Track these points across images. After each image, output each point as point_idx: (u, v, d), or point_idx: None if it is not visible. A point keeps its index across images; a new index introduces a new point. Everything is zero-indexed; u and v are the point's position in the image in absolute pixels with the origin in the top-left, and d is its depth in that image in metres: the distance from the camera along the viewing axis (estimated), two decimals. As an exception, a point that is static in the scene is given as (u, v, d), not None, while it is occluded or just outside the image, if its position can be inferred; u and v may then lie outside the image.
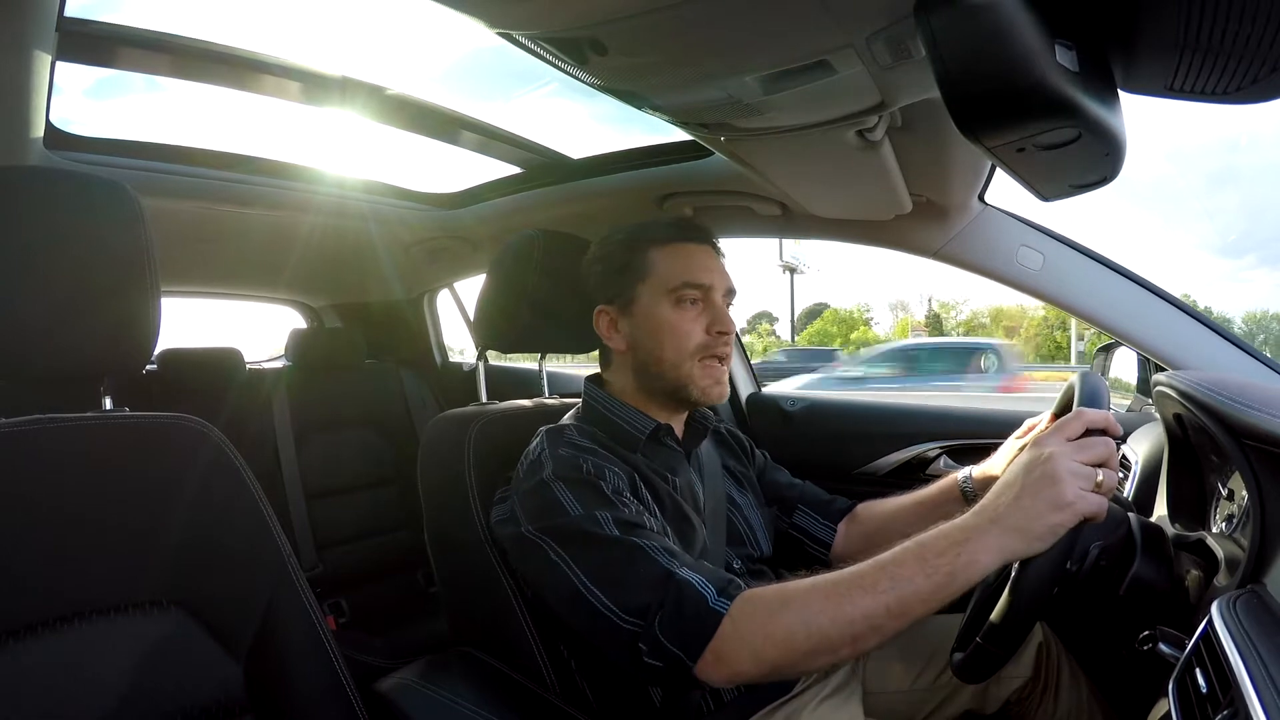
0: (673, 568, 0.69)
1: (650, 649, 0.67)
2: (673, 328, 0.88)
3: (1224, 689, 0.46)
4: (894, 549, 0.63)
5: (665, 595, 0.67)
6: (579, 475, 0.79)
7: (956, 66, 0.55)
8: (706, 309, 0.89)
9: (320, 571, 1.81)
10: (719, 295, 0.90)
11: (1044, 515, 0.59)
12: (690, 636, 0.65)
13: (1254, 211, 54.53)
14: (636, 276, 0.90)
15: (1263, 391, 0.68)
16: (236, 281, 2.25)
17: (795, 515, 1.08)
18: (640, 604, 0.68)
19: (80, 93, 1.18)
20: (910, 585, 0.60)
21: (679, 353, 0.88)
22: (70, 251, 0.67)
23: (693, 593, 0.66)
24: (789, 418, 1.62)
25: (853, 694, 0.89)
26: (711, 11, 0.62)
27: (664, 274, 0.89)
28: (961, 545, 0.60)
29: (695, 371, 0.89)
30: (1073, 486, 0.59)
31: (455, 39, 15.84)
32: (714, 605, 0.65)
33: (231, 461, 0.77)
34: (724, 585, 0.67)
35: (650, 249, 0.91)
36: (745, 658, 0.64)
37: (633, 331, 0.91)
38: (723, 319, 0.89)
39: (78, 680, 0.64)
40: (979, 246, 1.21)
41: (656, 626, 0.66)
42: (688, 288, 0.88)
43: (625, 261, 0.91)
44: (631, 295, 0.91)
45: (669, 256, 0.90)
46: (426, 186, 1.73)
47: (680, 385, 0.89)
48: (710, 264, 0.91)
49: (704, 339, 0.88)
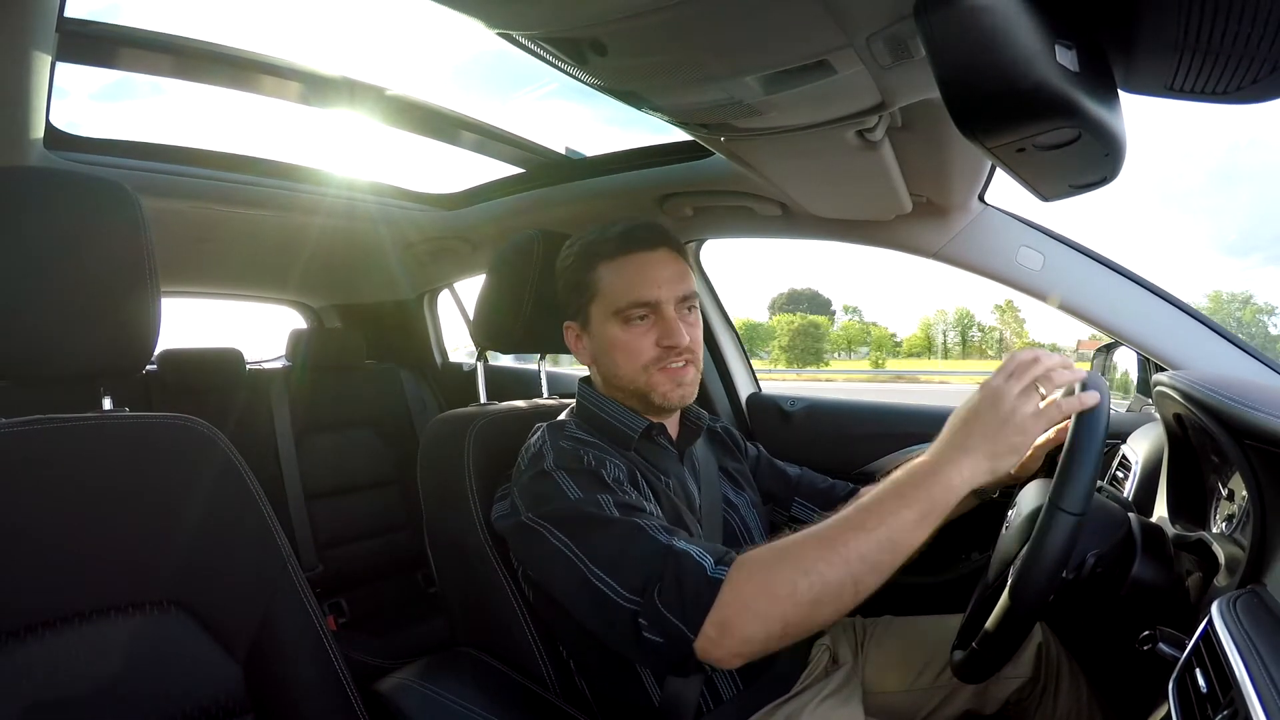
0: (671, 542, 0.69)
1: (650, 623, 0.66)
2: (624, 346, 0.88)
3: (1224, 689, 0.46)
4: (870, 492, 0.68)
5: (664, 567, 0.67)
6: (580, 465, 0.80)
7: (956, 66, 0.55)
8: (657, 322, 0.88)
9: (320, 572, 1.82)
10: (670, 306, 0.88)
11: (1001, 434, 0.66)
12: (691, 606, 0.65)
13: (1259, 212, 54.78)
14: (587, 297, 0.90)
15: (1263, 391, 0.68)
16: (236, 282, 2.25)
17: (793, 508, 1.08)
18: (640, 580, 0.68)
19: (87, 96, 1.18)
20: (896, 518, 0.63)
21: (632, 369, 0.88)
22: (70, 252, 0.67)
23: (691, 563, 0.67)
24: (789, 418, 1.62)
25: (853, 694, 0.89)
26: (711, 12, 0.62)
27: (610, 294, 0.88)
28: (934, 475, 0.65)
29: (652, 380, 0.88)
30: (1018, 407, 0.66)
31: (456, 39, 15.92)
32: (713, 574, 0.66)
33: (232, 462, 0.77)
34: (721, 555, 0.68)
35: (599, 265, 0.89)
36: (750, 620, 0.63)
37: (592, 348, 0.93)
38: (672, 332, 0.87)
39: (78, 680, 0.64)
40: (979, 247, 1.21)
41: (656, 597, 0.66)
42: (634, 307, 0.87)
43: (577, 280, 0.91)
44: (587, 314, 0.91)
45: (615, 273, 0.88)
46: (427, 187, 1.73)
47: (642, 394, 0.89)
48: (659, 274, 0.88)
49: (655, 352, 0.88)
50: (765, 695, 0.86)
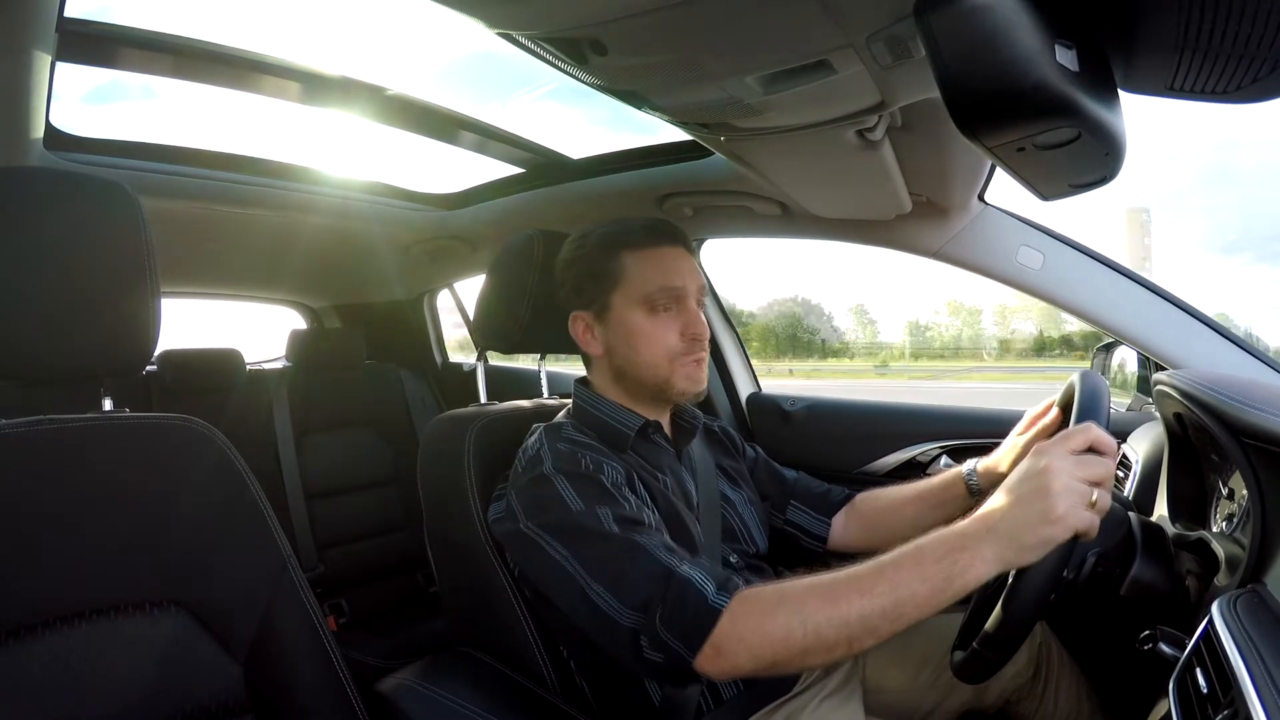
0: (673, 564, 0.70)
1: (651, 643, 0.68)
2: (648, 335, 0.88)
3: (1224, 689, 0.46)
4: (893, 552, 0.63)
5: (667, 591, 0.68)
6: (578, 470, 0.80)
7: (956, 66, 0.55)
8: (680, 313, 0.89)
9: (321, 572, 1.82)
10: (692, 298, 0.90)
11: (1036, 527, 0.59)
12: (691, 631, 0.66)
13: (1251, 211, 54.77)
14: (610, 284, 0.90)
15: (1263, 391, 0.68)
16: (236, 282, 2.25)
17: (789, 511, 1.08)
18: (641, 599, 0.69)
19: (78, 99, 1.17)
20: (906, 589, 0.60)
21: (655, 359, 0.89)
22: (70, 252, 0.67)
23: (693, 589, 0.67)
24: (789, 418, 1.62)
25: (853, 693, 0.89)
26: (711, 12, 0.62)
27: (637, 280, 0.89)
28: (958, 552, 0.60)
29: (673, 372, 0.89)
30: (1066, 501, 0.58)
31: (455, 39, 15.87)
32: (713, 602, 0.66)
33: (232, 462, 0.77)
34: (723, 581, 0.68)
35: (623, 254, 0.90)
36: (742, 653, 0.65)
37: (608, 338, 0.92)
38: (695, 323, 0.89)
39: (78, 680, 0.64)
40: (979, 246, 1.21)
41: (658, 621, 0.67)
42: (662, 293, 0.88)
43: (599, 268, 0.91)
44: (606, 302, 0.91)
45: (642, 262, 0.89)
46: (426, 187, 1.73)
47: (659, 386, 0.90)
48: (683, 266, 0.90)
49: (679, 344, 0.89)
50: (766, 695, 0.86)
